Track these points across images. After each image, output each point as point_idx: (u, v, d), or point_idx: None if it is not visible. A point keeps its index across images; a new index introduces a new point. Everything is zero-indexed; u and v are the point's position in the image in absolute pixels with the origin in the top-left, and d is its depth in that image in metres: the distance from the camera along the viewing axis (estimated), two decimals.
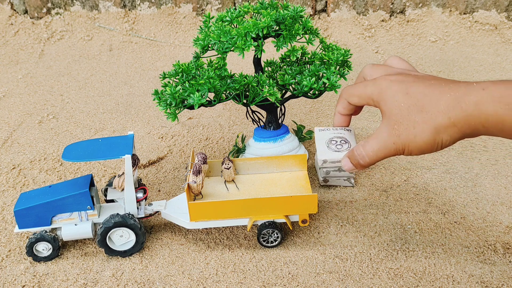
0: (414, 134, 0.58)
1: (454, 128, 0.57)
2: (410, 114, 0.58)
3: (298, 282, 0.66)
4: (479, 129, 0.55)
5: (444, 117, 0.57)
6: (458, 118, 0.56)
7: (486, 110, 0.53)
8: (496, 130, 0.54)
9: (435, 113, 0.57)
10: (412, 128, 0.58)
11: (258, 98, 0.76)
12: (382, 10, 1.53)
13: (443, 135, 0.57)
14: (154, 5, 1.58)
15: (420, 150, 0.59)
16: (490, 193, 0.81)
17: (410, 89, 0.59)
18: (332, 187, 0.84)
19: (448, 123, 0.57)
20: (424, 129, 0.58)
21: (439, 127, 0.57)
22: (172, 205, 0.74)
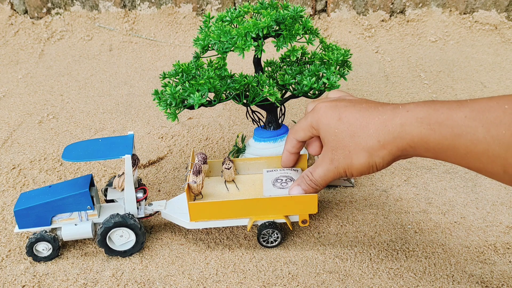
0: (350, 159, 0.61)
1: (384, 150, 0.59)
2: (344, 139, 0.61)
3: (298, 282, 0.66)
4: (408, 149, 0.57)
5: (374, 140, 0.59)
6: (387, 141, 0.58)
7: (411, 131, 0.55)
8: (422, 150, 0.56)
9: (365, 137, 0.60)
10: (347, 153, 0.61)
11: (258, 98, 0.76)
12: (382, 10, 1.54)
13: (375, 158, 0.60)
14: (154, 5, 1.58)
15: (359, 172, 0.62)
16: (490, 193, 0.81)
17: (342, 114, 0.62)
18: (332, 187, 0.84)
19: (378, 146, 0.59)
20: (358, 153, 0.60)
21: (371, 150, 0.60)
22: (172, 205, 0.74)
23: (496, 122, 0.48)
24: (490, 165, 0.50)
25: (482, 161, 0.50)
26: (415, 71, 1.30)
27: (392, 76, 1.27)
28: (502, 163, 0.48)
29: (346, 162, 0.62)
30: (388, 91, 1.19)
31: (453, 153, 0.53)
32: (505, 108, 0.48)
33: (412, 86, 1.21)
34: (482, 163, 0.50)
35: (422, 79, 1.25)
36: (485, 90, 1.17)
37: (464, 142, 0.51)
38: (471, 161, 0.51)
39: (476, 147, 0.50)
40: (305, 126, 0.66)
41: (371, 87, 1.22)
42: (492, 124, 0.48)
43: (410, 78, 1.25)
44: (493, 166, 0.49)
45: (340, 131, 0.62)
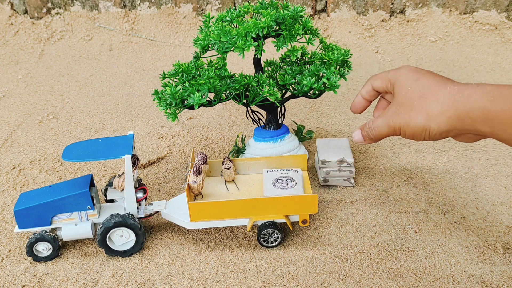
0: (409, 116, 0.63)
1: (443, 117, 0.61)
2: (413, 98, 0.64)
3: (298, 282, 0.66)
4: (466, 121, 0.59)
5: (437, 105, 0.61)
6: (449, 108, 0.60)
7: (475, 101, 0.58)
8: (480, 121, 0.58)
9: (432, 101, 0.62)
10: (409, 110, 0.64)
11: (258, 98, 0.76)
12: (382, 10, 1.54)
13: (431, 122, 0.62)
14: (154, 5, 1.58)
15: (412, 133, 0.64)
16: (490, 193, 0.81)
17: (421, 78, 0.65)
18: (332, 187, 0.84)
19: (440, 111, 0.61)
20: (418, 113, 0.63)
21: (431, 113, 0.62)
22: (172, 205, 0.74)
23: None
24: None
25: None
26: None
27: None
28: None
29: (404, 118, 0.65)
30: None
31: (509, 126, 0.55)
32: None
33: None
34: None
35: None
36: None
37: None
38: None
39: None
40: (384, 77, 0.69)
41: None
42: None
43: None
44: None
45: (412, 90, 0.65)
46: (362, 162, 0.91)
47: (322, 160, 0.80)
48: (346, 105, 1.13)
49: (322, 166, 0.81)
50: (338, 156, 0.80)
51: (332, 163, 0.81)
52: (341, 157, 0.81)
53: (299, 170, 0.77)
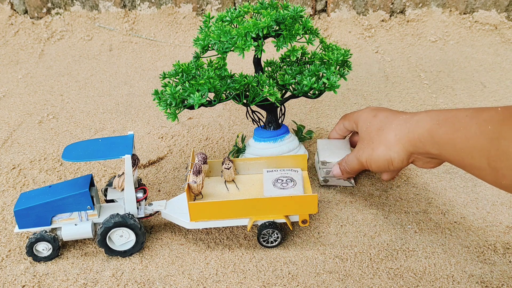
0: (372, 149, 0.69)
1: (399, 144, 0.66)
2: (371, 132, 0.70)
3: (298, 282, 0.66)
4: (418, 144, 0.64)
5: (392, 134, 0.67)
6: (402, 135, 0.65)
7: (423, 126, 0.63)
8: (429, 144, 0.62)
9: (387, 132, 0.68)
10: (371, 143, 0.70)
11: (258, 98, 0.76)
12: (382, 10, 1.54)
13: (391, 152, 0.67)
14: (154, 5, 1.58)
15: (377, 165, 0.70)
16: (490, 193, 0.81)
17: (378, 113, 0.72)
18: (332, 187, 0.84)
19: (395, 140, 0.66)
20: (378, 145, 0.68)
21: (388, 144, 0.67)
22: (172, 205, 0.74)
23: (487, 120, 0.54)
24: (477, 159, 0.55)
25: (473, 155, 0.55)
26: (415, 71, 1.30)
27: (392, 76, 1.27)
28: (486, 156, 0.53)
29: (368, 152, 0.70)
30: (388, 91, 1.19)
31: (451, 147, 0.58)
32: (498, 110, 0.54)
33: (412, 86, 1.21)
34: (472, 158, 0.55)
35: (422, 79, 1.25)
36: (485, 90, 1.17)
37: (460, 136, 0.57)
38: (465, 156, 0.57)
39: (468, 142, 0.55)
40: (350, 117, 0.77)
41: (371, 87, 1.22)
42: (484, 121, 0.54)
43: (410, 78, 1.25)
44: (480, 160, 0.54)
45: (371, 124, 0.71)
46: None
47: (322, 161, 0.80)
48: (346, 105, 1.13)
49: (322, 166, 0.81)
50: (338, 157, 0.80)
51: (332, 164, 0.80)
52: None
53: (299, 170, 0.77)
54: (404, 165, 0.68)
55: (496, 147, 0.52)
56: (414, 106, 1.11)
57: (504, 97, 1.13)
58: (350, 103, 1.13)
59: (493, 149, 0.52)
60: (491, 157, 0.53)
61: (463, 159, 0.57)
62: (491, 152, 0.52)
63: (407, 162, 0.68)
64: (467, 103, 1.11)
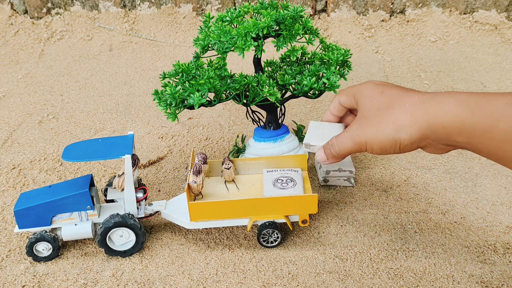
0: (376, 128, 0.59)
1: (414, 126, 0.57)
2: (379, 110, 0.60)
3: (298, 282, 0.66)
4: (439, 130, 0.55)
5: (407, 114, 0.57)
6: (420, 116, 0.56)
7: (448, 110, 0.54)
8: (455, 132, 0.54)
9: (400, 111, 0.58)
10: (376, 122, 0.60)
11: (258, 98, 0.76)
12: (382, 10, 1.54)
13: (402, 133, 0.58)
14: (154, 5, 1.58)
15: (380, 146, 0.60)
16: (490, 193, 0.81)
17: (386, 89, 0.61)
18: (332, 187, 0.84)
19: (410, 121, 0.57)
20: (386, 124, 0.59)
21: (400, 123, 0.58)
22: (172, 205, 0.74)
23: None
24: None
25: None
26: (415, 71, 1.30)
27: (392, 76, 1.27)
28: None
29: (371, 132, 0.60)
30: None
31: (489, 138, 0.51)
32: None
33: (412, 86, 1.21)
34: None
35: (422, 79, 1.25)
36: (485, 90, 1.17)
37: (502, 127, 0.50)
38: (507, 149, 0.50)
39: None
40: (348, 92, 0.66)
41: None
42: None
43: (410, 78, 1.25)
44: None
45: (377, 101, 0.61)
46: (362, 162, 0.91)
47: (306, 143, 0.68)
48: None
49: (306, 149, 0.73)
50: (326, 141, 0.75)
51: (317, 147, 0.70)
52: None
53: (299, 170, 0.77)
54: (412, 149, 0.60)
55: None
56: None
57: None
58: None
59: None
60: None
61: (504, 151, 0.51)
62: None
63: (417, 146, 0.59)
64: None
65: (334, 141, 0.64)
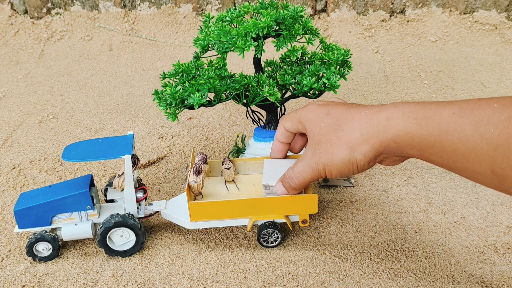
0: (331, 153, 0.59)
1: (366, 145, 0.56)
2: (328, 133, 0.59)
3: (298, 282, 0.66)
4: (391, 145, 0.55)
5: (357, 134, 0.57)
6: (370, 134, 0.56)
7: (397, 125, 0.53)
8: (407, 146, 0.54)
9: (349, 130, 0.58)
10: (329, 147, 0.59)
11: (258, 98, 0.76)
12: (382, 10, 1.54)
13: (356, 153, 0.57)
14: (154, 5, 1.58)
15: (338, 170, 0.59)
16: (490, 193, 0.81)
17: (331, 110, 0.61)
18: (332, 187, 0.84)
19: (361, 140, 0.56)
20: (339, 147, 0.58)
21: (352, 144, 0.57)
22: (172, 205, 0.74)
23: (484, 120, 0.47)
24: (477, 165, 0.48)
25: (470, 160, 0.48)
26: (415, 71, 1.30)
27: (392, 76, 1.27)
28: (490, 163, 0.47)
29: (326, 157, 0.59)
30: (388, 91, 1.19)
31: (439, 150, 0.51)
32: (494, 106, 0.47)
33: (412, 86, 1.21)
34: (469, 162, 0.48)
35: (422, 79, 1.25)
36: (485, 90, 1.17)
37: (451, 139, 0.49)
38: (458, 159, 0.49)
39: (464, 145, 0.48)
40: (293, 117, 0.65)
41: (371, 87, 1.22)
42: (480, 122, 0.47)
43: (410, 78, 1.25)
44: (480, 165, 0.47)
45: (325, 125, 0.60)
46: None
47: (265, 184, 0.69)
48: None
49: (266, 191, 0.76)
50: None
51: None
52: None
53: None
54: (370, 166, 0.60)
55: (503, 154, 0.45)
56: None
57: None
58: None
59: (499, 157, 0.46)
60: (497, 165, 0.46)
61: (455, 162, 0.50)
62: (497, 159, 0.46)
63: (373, 163, 0.59)
64: None
65: (291, 173, 0.64)
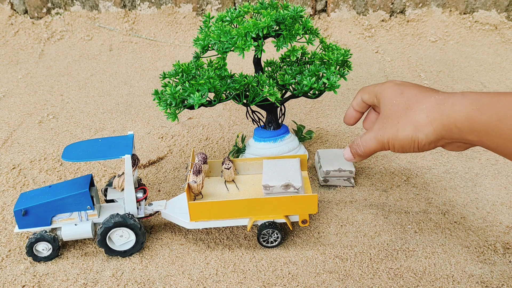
0: (397, 129, 0.63)
1: (429, 127, 0.60)
2: (398, 110, 0.64)
3: (298, 282, 0.66)
4: (453, 130, 0.59)
5: (423, 115, 0.61)
6: (435, 117, 0.60)
7: (460, 110, 0.58)
8: (467, 130, 0.57)
9: (417, 111, 0.62)
10: (396, 123, 0.64)
11: (258, 98, 0.76)
12: (382, 10, 1.54)
13: (419, 133, 0.61)
14: (154, 5, 1.58)
15: (401, 145, 0.63)
16: (490, 193, 0.81)
17: (405, 90, 0.65)
18: (332, 187, 0.84)
19: (426, 121, 0.61)
20: (405, 124, 0.62)
21: (417, 124, 0.61)
22: (172, 205, 0.74)
23: None
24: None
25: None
26: (415, 71, 1.30)
27: (392, 76, 1.27)
28: None
29: (392, 131, 0.64)
30: None
31: (497, 135, 0.54)
32: None
33: None
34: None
35: (422, 79, 1.25)
36: (485, 90, 1.17)
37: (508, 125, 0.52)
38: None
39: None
40: (371, 90, 0.70)
41: None
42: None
43: (410, 78, 1.25)
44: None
45: (398, 102, 0.65)
46: (362, 162, 0.91)
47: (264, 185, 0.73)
48: (346, 105, 1.13)
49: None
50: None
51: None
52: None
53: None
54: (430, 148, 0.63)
55: None
56: None
57: None
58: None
59: None
60: None
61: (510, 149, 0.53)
62: None
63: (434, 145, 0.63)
64: None
65: (359, 141, 0.69)
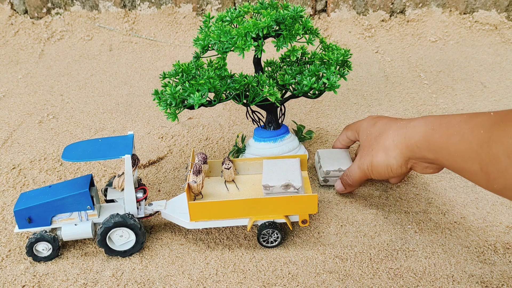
0: (371, 155, 0.71)
1: (396, 150, 0.67)
2: (371, 139, 0.72)
3: (298, 282, 0.66)
4: (414, 149, 0.65)
5: (389, 140, 0.68)
6: (399, 140, 0.67)
7: (419, 131, 0.64)
8: (426, 149, 0.63)
9: (385, 137, 0.69)
10: (371, 151, 0.71)
11: (258, 98, 0.76)
12: (382, 10, 1.53)
13: (390, 158, 0.68)
14: (154, 5, 1.58)
15: (378, 172, 0.71)
16: (490, 193, 0.81)
17: (378, 121, 0.73)
18: (332, 187, 0.84)
19: (392, 145, 0.67)
20: (377, 151, 0.70)
21: (386, 149, 0.68)
22: (172, 205, 0.74)
23: (479, 125, 0.54)
24: (470, 163, 0.55)
25: (465, 160, 0.55)
26: (415, 71, 1.30)
27: (392, 76, 1.27)
28: (478, 160, 0.53)
29: (368, 159, 0.70)
30: (388, 91, 1.19)
31: (446, 152, 0.59)
32: (491, 114, 0.54)
33: (412, 86, 1.21)
34: (465, 162, 0.56)
35: (422, 79, 1.25)
36: (485, 90, 1.17)
37: (454, 141, 0.57)
38: (458, 160, 0.57)
39: (462, 146, 0.56)
40: (353, 127, 0.79)
41: (371, 87, 1.22)
42: (476, 126, 0.55)
43: (410, 78, 1.25)
44: (472, 164, 0.54)
45: (371, 132, 0.72)
46: None
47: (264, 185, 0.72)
48: (346, 105, 1.13)
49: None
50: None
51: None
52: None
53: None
54: (403, 171, 0.69)
55: (486, 151, 0.52)
56: (414, 106, 1.11)
57: (504, 97, 1.13)
58: (350, 103, 1.13)
59: (483, 153, 0.52)
60: (483, 161, 0.53)
61: (457, 163, 0.58)
62: (482, 156, 0.53)
63: (405, 168, 0.68)
64: (467, 103, 1.11)
65: (347, 172, 0.76)
